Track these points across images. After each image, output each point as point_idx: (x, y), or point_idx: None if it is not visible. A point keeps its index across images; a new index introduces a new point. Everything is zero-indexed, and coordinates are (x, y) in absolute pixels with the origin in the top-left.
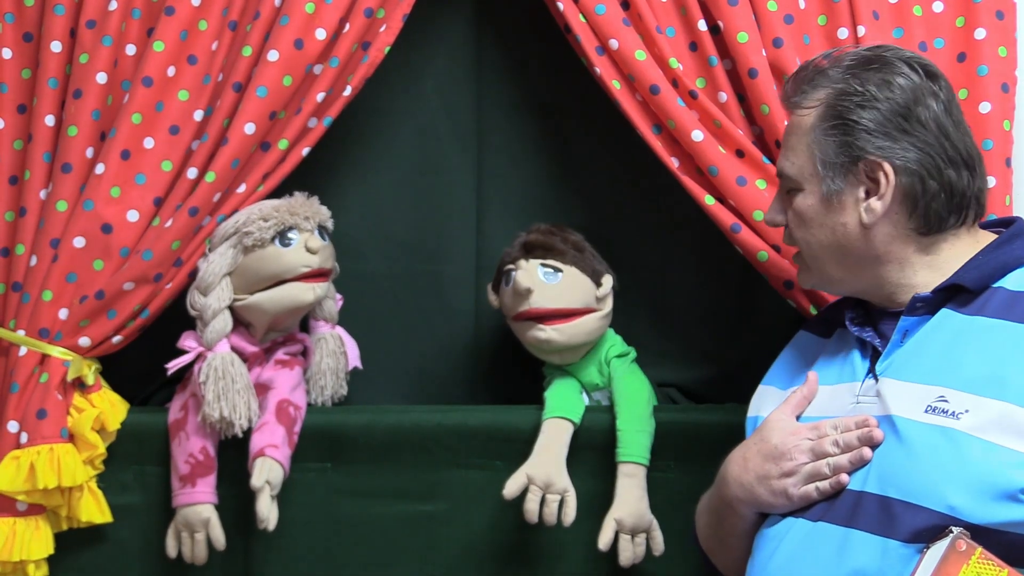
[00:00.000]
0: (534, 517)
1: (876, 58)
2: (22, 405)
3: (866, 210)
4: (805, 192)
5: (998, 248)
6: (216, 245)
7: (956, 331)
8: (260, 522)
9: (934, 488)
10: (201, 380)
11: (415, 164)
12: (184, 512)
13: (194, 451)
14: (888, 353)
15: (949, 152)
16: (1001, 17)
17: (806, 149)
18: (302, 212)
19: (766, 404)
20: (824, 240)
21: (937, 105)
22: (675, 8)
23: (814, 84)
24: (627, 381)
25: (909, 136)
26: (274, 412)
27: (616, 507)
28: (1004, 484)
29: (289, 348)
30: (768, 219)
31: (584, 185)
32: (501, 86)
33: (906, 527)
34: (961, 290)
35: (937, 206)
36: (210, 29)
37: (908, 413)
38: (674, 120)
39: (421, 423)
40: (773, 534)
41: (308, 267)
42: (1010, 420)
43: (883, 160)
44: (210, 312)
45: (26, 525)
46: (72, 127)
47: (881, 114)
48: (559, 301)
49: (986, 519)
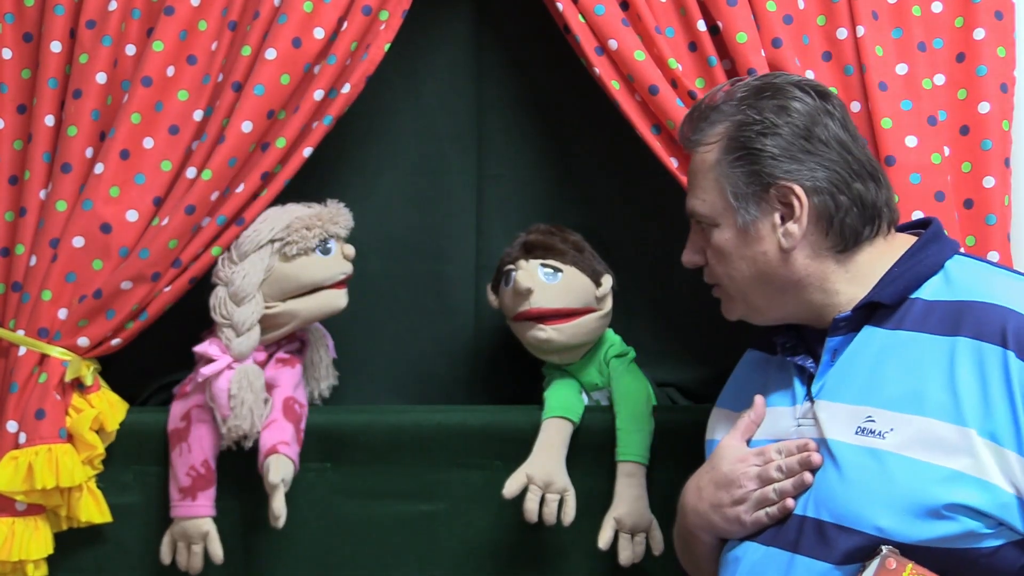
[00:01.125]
0: (534, 516)
1: (767, 86)
2: (21, 405)
3: (784, 235)
4: (721, 227)
5: (912, 257)
6: (246, 253)
7: (879, 348)
8: (274, 519)
9: (862, 510)
10: (233, 392)
11: (415, 164)
12: (183, 524)
13: (196, 464)
14: (821, 374)
15: (853, 166)
16: (1000, 17)
17: (714, 185)
18: (341, 222)
19: (719, 427)
20: (746, 272)
21: (833, 123)
22: (674, 8)
23: (710, 121)
24: (626, 381)
25: (813, 156)
26: (281, 410)
27: (616, 506)
28: (928, 501)
29: (289, 346)
30: (686, 260)
31: (583, 185)
32: (501, 87)
33: (839, 550)
34: (880, 306)
35: (851, 220)
36: (210, 29)
37: (840, 436)
38: (673, 120)
39: (421, 423)
40: (732, 559)
41: (345, 274)
42: (930, 435)
43: (793, 183)
44: (247, 323)
45: (25, 525)
46: (72, 127)
47: (783, 139)
48: (559, 301)
49: (914, 537)
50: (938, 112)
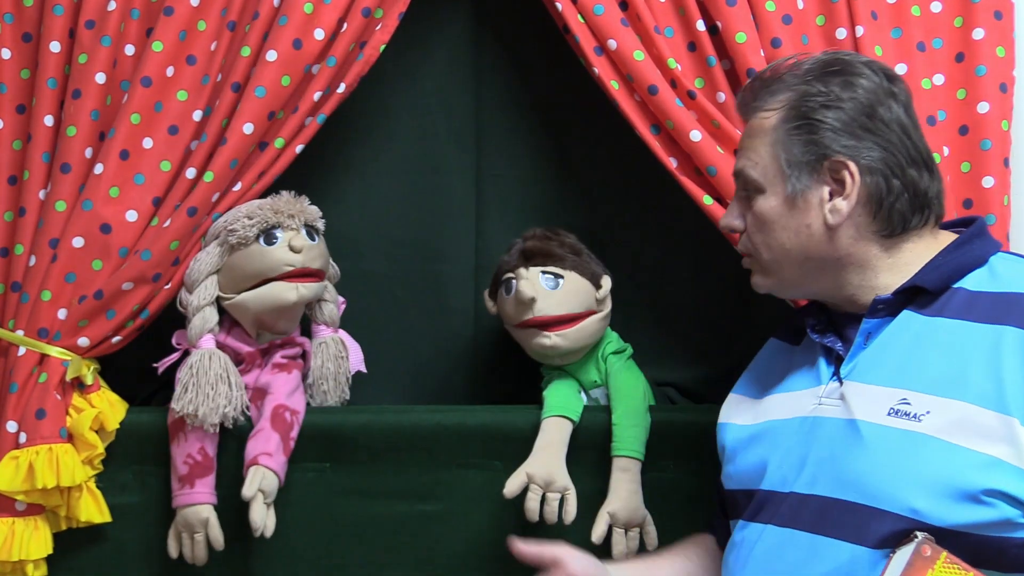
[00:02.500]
0: (535, 516)
1: (836, 61)
2: (21, 405)
3: (831, 210)
4: (767, 194)
5: (957, 249)
6: (206, 244)
7: (917, 333)
8: (255, 531)
9: (897, 491)
10: (180, 376)
11: (414, 164)
12: (183, 513)
13: (192, 452)
14: (852, 356)
15: (911, 152)
16: (999, 17)
17: (769, 150)
18: (287, 210)
19: (732, 412)
20: (786, 243)
21: (897, 106)
22: (673, 8)
23: (772, 90)
24: (623, 377)
25: (873, 135)
26: (269, 418)
27: (610, 500)
28: (966, 485)
29: (287, 351)
30: (725, 224)
31: (582, 185)
32: (500, 86)
33: (871, 532)
34: (921, 292)
35: (901, 206)
36: (209, 29)
37: (871, 416)
38: (672, 120)
39: (421, 423)
40: (740, 540)
41: (291, 266)
42: (971, 421)
43: (848, 159)
44: (192, 309)
45: (25, 525)
46: (71, 127)
47: (845, 113)
48: (562, 308)
49: (949, 521)
50: (937, 112)
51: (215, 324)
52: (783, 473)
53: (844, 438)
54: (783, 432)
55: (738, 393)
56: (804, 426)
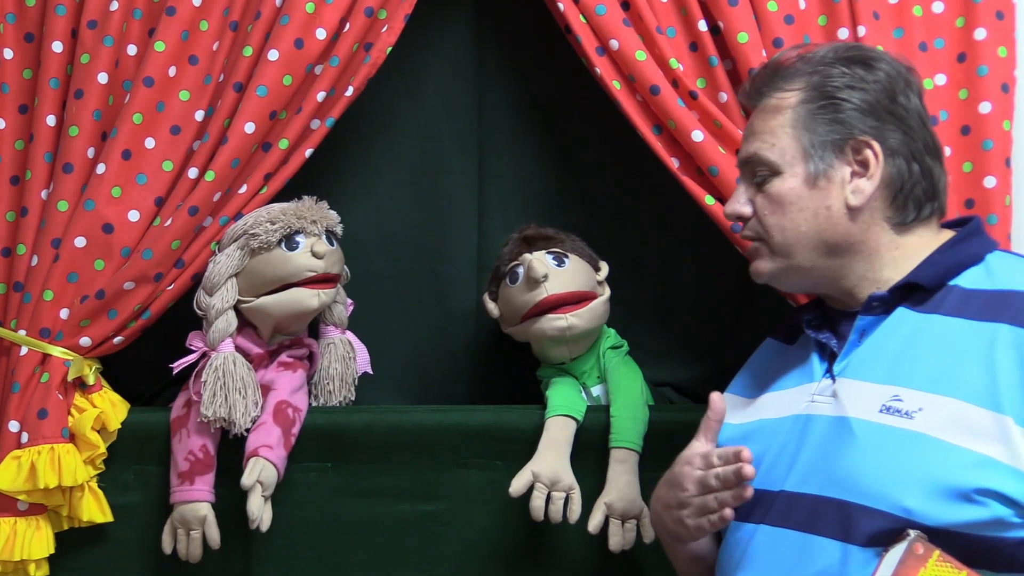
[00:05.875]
0: (540, 514)
1: (855, 48)
2: (23, 405)
3: (853, 191)
4: (784, 175)
5: (954, 246)
6: (224, 246)
7: (912, 330)
8: (251, 522)
9: (889, 490)
10: (203, 379)
11: (416, 164)
12: (181, 509)
13: (194, 449)
14: (846, 353)
15: (928, 141)
16: (1001, 17)
17: (789, 131)
18: (309, 216)
19: (728, 412)
20: (803, 225)
21: (914, 95)
22: (675, 9)
23: (786, 76)
24: (621, 371)
25: (895, 119)
26: (272, 413)
27: (607, 491)
28: (958, 484)
29: (294, 351)
30: (731, 211)
31: (584, 185)
32: (502, 87)
33: (863, 531)
34: (917, 288)
35: (918, 192)
36: (211, 29)
37: (862, 414)
38: (674, 120)
39: (422, 423)
40: (734, 541)
41: (313, 272)
42: (964, 419)
43: (872, 140)
44: (214, 312)
45: (27, 525)
46: (73, 127)
47: (870, 95)
48: (572, 285)
49: (941, 521)
50: (939, 112)
51: (234, 327)
52: (775, 472)
53: (836, 436)
54: (776, 430)
55: (732, 392)
56: (796, 424)
